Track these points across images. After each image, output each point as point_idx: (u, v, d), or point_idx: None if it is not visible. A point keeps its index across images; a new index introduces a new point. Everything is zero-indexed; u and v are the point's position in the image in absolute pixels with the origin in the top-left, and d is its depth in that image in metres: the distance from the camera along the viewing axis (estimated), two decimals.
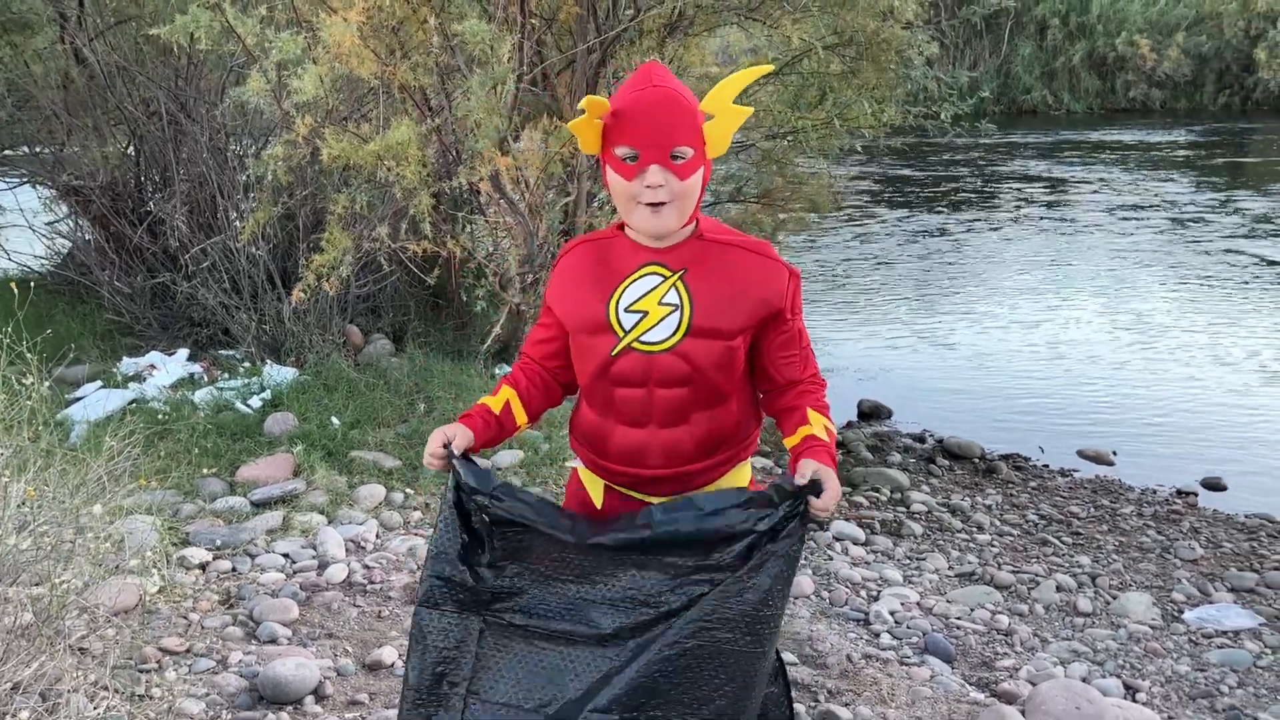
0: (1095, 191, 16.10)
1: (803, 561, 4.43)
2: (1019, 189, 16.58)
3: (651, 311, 1.91)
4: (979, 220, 14.27)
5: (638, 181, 1.85)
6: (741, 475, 2.08)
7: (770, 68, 2.09)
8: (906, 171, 18.73)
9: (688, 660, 1.80)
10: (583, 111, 1.85)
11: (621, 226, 1.99)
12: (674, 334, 1.90)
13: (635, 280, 1.93)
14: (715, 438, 1.98)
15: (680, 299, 1.90)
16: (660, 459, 1.97)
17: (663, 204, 1.86)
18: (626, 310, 1.92)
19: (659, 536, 1.86)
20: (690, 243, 1.94)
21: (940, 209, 15.18)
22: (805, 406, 1.98)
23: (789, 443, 2.00)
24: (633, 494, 2.04)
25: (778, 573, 1.82)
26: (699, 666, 1.81)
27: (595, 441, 2.03)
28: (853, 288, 10.81)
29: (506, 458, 4.87)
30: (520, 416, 2.09)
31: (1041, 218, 14.27)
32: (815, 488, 1.83)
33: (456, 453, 1.96)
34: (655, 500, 1.99)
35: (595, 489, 2.10)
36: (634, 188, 1.86)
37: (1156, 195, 15.58)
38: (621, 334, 1.92)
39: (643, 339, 1.91)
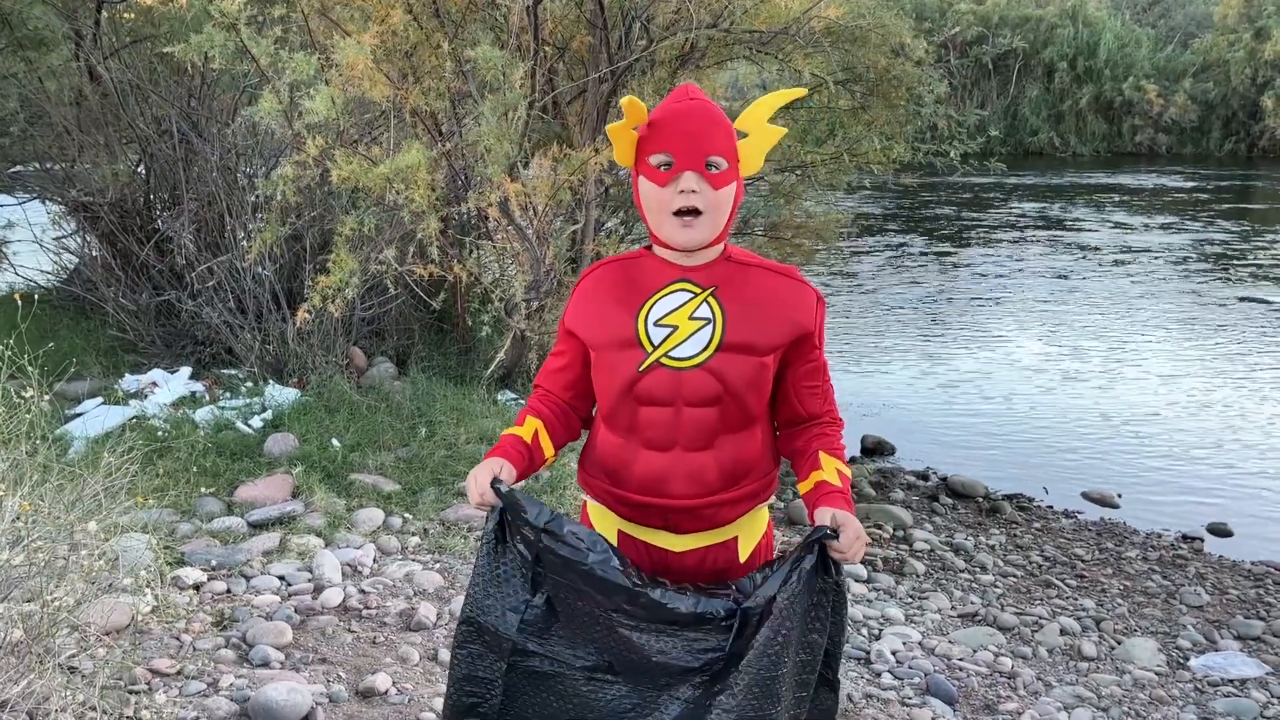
0: (1101, 234, 16.14)
1: None
2: (1024, 229, 16.62)
3: (682, 326, 1.85)
4: (984, 259, 14.29)
5: (671, 188, 1.81)
6: (760, 519, 2.01)
7: (803, 91, 2.09)
8: (913, 209, 18.80)
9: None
10: (620, 115, 1.82)
11: (649, 248, 1.95)
12: (705, 349, 1.84)
13: (665, 295, 1.87)
14: (739, 466, 1.90)
15: (713, 313, 1.85)
16: (684, 486, 1.88)
17: (695, 217, 1.82)
18: (656, 324, 1.86)
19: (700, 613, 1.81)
20: (719, 263, 1.90)
21: (946, 247, 15.21)
22: (818, 450, 1.92)
23: (802, 488, 1.93)
24: (649, 540, 1.95)
25: (780, 629, 1.77)
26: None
27: (614, 469, 1.93)
28: (856, 321, 10.80)
29: None
30: (548, 448, 1.99)
31: (1047, 259, 14.29)
32: (825, 533, 1.78)
33: (504, 489, 1.87)
34: (674, 549, 1.94)
35: (608, 531, 1.97)
36: (666, 194, 1.81)
37: (1163, 239, 15.61)
38: (650, 349, 1.85)
39: (672, 354, 1.84)
